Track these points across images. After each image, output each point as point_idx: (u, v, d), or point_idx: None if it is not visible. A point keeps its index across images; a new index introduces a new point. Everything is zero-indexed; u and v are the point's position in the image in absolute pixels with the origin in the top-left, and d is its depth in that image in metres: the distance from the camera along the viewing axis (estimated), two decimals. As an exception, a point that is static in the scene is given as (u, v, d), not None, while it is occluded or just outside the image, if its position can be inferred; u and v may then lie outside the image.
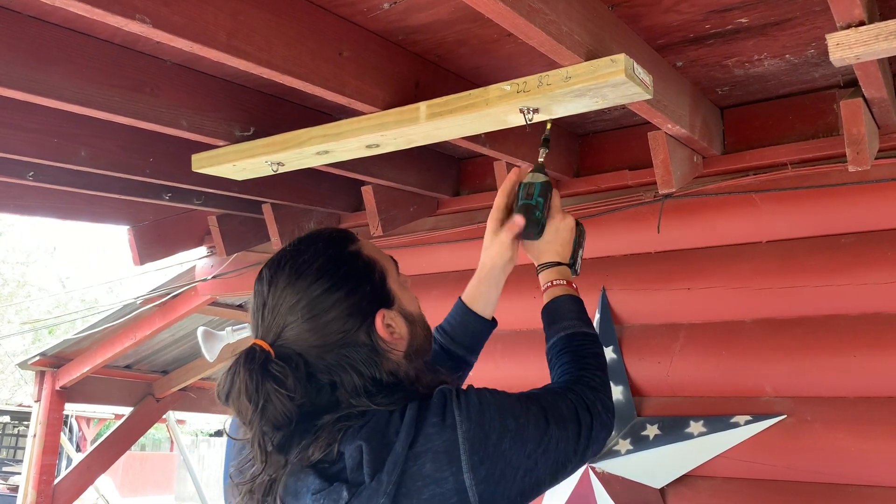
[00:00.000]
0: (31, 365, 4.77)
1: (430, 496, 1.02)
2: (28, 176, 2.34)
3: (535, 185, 1.52)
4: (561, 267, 1.55)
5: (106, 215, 3.11)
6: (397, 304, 1.22)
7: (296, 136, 1.86)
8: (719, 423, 2.14)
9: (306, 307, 1.12)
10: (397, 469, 1.02)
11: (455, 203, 2.77)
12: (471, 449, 1.05)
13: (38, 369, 4.80)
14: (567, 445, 1.17)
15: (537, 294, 2.53)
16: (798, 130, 2.16)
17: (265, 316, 1.15)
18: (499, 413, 1.11)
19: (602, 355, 1.41)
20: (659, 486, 2.20)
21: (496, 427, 1.09)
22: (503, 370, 2.58)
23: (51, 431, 4.76)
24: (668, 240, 2.34)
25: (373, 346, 1.15)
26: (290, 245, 1.21)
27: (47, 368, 4.76)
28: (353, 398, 1.10)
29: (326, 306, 1.12)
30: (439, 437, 1.05)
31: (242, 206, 2.95)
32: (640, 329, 2.36)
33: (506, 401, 1.15)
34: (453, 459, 1.04)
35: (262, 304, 1.16)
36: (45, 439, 4.70)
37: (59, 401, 4.78)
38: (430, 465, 1.04)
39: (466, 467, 1.04)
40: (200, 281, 3.58)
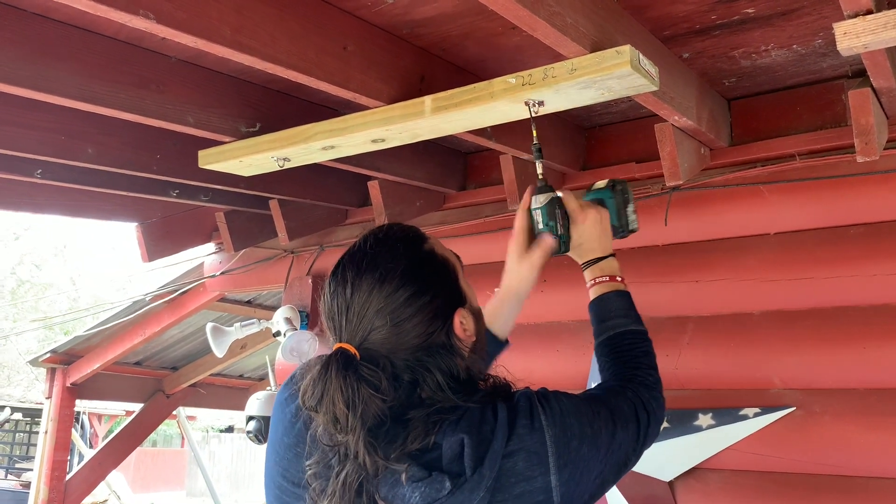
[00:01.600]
0: (42, 362, 4.80)
1: (520, 492, 1.08)
2: (36, 174, 2.35)
3: (542, 209, 1.48)
4: (602, 262, 1.53)
5: (114, 212, 3.12)
6: (468, 301, 1.24)
7: (302, 131, 1.86)
8: (728, 416, 2.13)
9: (392, 312, 1.13)
10: (497, 464, 1.07)
11: (462, 197, 2.77)
12: (557, 452, 1.11)
13: (49, 366, 4.83)
14: (629, 445, 1.24)
15: (544, 287, 2.54)
16: (806, 121, 2.15)
17: (350, 319, 1.15)
18: (577, 419, 1.17)
19: (652, 353, 1.45)
20: (668, 479, 2.20)
21: (576, 433, 1.15)
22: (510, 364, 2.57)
23: (62, 428, 4.79)
24: (675, 232, 2.34)
25: (451, 344, 1.17)
26: (366, 244, 1.22)
27: (58, 365, 4.79)
28: (436, 394, 1.13)
29: (412, 312, 1.14)
30: (530, 438, 1.11)
31: (250, 203, 2.96)
32: (647, 322, 2.32)
33: (581, 406, 1.20)
34: (542, 460, 1.10)
35: (345, 308, 1.16)
36: (56, 436, 4.73)
37: (70, 397, 4.81)
38: (523, 463, 1.09)
39: (554, 469, 1.10)
40: (209, 277, 3.60)
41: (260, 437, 2.82)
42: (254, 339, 4.79)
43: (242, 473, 15.81)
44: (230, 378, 5.93)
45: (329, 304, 1.20)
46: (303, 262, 3.21)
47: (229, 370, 5.78)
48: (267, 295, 4.41)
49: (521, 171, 2.32)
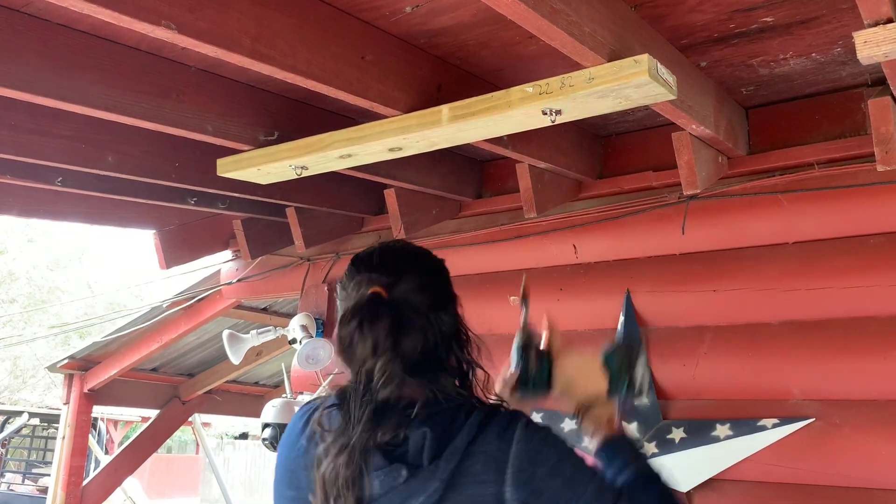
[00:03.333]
0: (59, 368, 4.84)
1: (472, 493, 1.09)
2: (57, 181, 2.38)
3: (518, 350, 1.43)
4: (593, 411, 1.40)
5: (132, 220, 3.15)
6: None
7: (319, 139, 1.87)
8: (746, 427, 2.11)
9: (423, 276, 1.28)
10: (455, 460, 1.10)
11: (477, 205, 2.77)
12: (518, 467, 1.11)
13: (66, 372, 4.86)
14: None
15: (560, 296, 2.53)
16: (825, 130, 2.13)
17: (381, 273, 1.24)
18: (558, 454, 1.15)
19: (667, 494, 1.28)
20: (685, 490, 2.18)
21: (550, 463, 1.13)
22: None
23: (79, 433, 4.81)
24: (692, 241, 2.33)
25: (458, 328, 1.28)
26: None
27: (76, 371, 4.82)
28: (436, 368, 1.20)
29: (437, 279, 1.32)
30: (495, 444, 1.12)
31: (267, 210, 2.97)
32: (665, 331, 2.34)
33: (570, 451, 1.18)
34: (500, 469, 1.11)
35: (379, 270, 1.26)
36: (73, 441, 4.76)
37: (87, 403, 4.84)
38: (480, 465, 1.10)
39: (510, 482, 1.10)
40: (225, 284, 3.61)
41: (275, 444, 2.82)
42: (269, 347, 4.80)
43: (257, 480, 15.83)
44: (246, 385, 5.95)
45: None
46: (319, 270, 3.22)
47: (245, 377, 5.80)
48: (283, 302, 4.42)
49: (538, 180, 2.31)
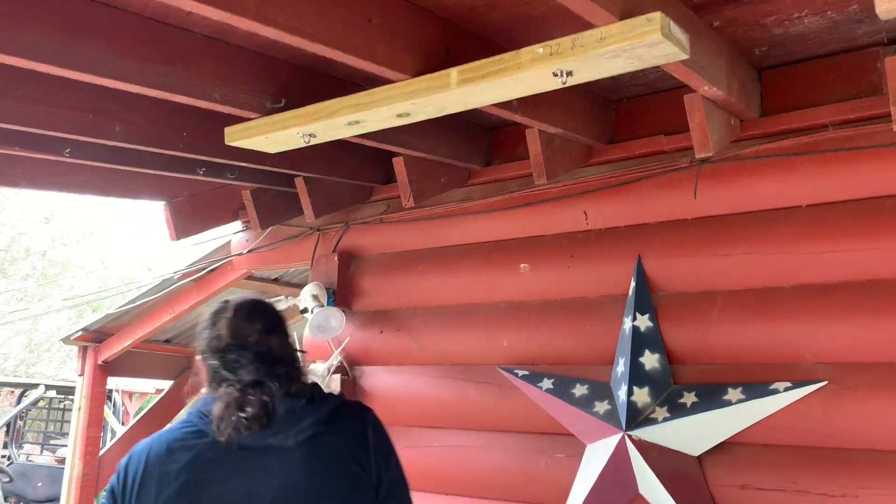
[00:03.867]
0: (73, 340, 4.88)
1: (350, 425, 1.65)
2: (65, 153, 2.37)
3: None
4: None
5: (142, 191, 3.14)
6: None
7: (327, 106, 1.86)
8: (758, 391, 2.11)
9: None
10: (338, 400, 1.70)
11: (486, 173, 2.75)
12: (376, 434, 1.68)
13: (80, 344, 4.90)
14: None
15: (570, 262, 2.52)
16: (839, 90, 2.10)
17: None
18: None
19: None
20: (696, 454, 2.19)
21: (392, 447, 1.73)
22: (536, 340, 2.58)
23: (95, 404, 4.87)
24: (704, 205, 2.30)
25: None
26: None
27: (89, 343, 4.86)
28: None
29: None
30: (359, 412, 1.73)
31: (276, 181, 2.96)
32: (676, 296, 2.33)
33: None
34: (364, 421, 1.69)
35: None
36: (89, 412, 4.82)
37: (101, 375, 4.88)
38: (350, 414, 1.68)
39: (373, 445, 1.65)
40: (236, 255, 3.62)
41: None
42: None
43: (271, 450, 16.08)
44: (258, 356, 5.98)
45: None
46: (329, 240, 3.22)
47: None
48: (294, 273, 4.43)
49: (548, 145, 2.29)
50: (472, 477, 2.63)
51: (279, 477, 1.50)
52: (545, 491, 2.44)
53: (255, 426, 1.51)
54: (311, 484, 1.51)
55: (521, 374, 2.54)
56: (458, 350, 2.77)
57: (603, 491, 2.26)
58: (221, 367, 1.59)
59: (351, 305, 3.10)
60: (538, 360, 2.57)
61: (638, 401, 2.24)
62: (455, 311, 2.81)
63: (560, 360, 2.53)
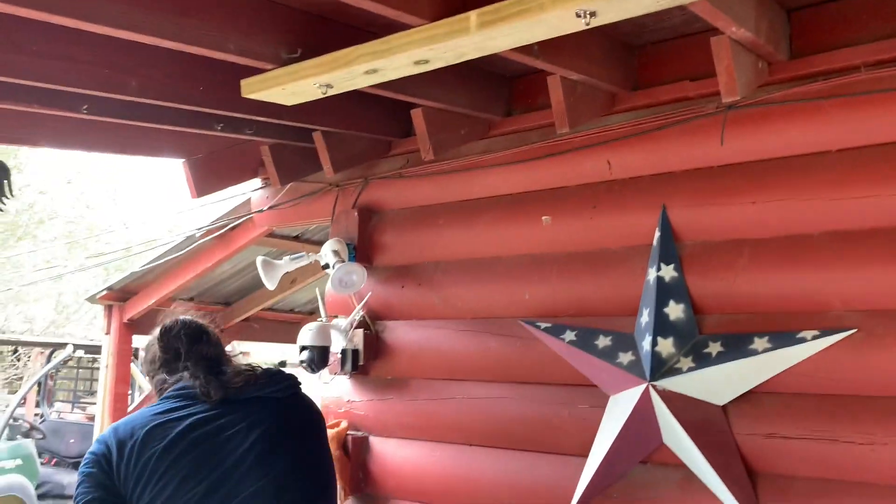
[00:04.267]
0: (99, 299, 4.94)
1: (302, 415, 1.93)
2: (83, 109, 2.36)
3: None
4: None
5: (162, 149, 3.14)
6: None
7: (344, 54, 1.82)
8: (785, 339, 2.08)
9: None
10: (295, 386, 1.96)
11: (507, 124, 2.71)
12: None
13: (105, 304, 4.97)
14: None
15: (593, 213, 2.49)
16: (873, 30, 2.03)
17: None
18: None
19: None
20: (722, 403, 2.17)
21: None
22: (559, 293, 2.56)
23: (121, 362, 4.95)
24: (731, 152, 2.25)
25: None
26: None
27: (114, 303, 4.92)
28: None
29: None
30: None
31: (294, 136, 2.94)
32: (702, 246, 2.29)
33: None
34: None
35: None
36: (116, 370, 4.90)
37: (127, 333, 4.95)
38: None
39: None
40: (256, 212, 3.62)
41: (312, 366, 2.87)
42: (303, 274, 4.85)
43: (296, 407, 16.37)
44: (281, 312, 6.04)
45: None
46: (348, 196, 3.20)
47: (280, 305, 5.88)
48: (314, 229, 4.43)
49: (570, 93, 2.24)
50: (496, 428, 2.64)
51: (271, 420, 1.79)
52: (569, 441, 2.45)
53: (241, 381, 1.80)
54: (300, 429, 1.84)
55: (544, 327, 2.52)
56: (480, 304, 2.76)
57: (627, 441, 2.26)
58: (173, 363, 1.91)
59: (372, 261, 3.10)
60: (560, 313, 2.55)
61: (662, 351, 2.22)
62: (476, 264, 2.80)
63: (583, 311, 2.51)
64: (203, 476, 1.66)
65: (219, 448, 1.71)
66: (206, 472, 1.67)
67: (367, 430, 3.00)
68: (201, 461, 1.69)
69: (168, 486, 1.65)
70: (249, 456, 1.70)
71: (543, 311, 2.58)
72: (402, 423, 2.89)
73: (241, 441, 1.72)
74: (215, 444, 1.71)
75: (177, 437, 1.70)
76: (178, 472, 1.66)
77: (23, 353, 11.16)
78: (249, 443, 1.71)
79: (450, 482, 2.73)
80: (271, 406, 1.81)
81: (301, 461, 1.77)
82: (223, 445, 1.71)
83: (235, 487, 1.66)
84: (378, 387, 2.99)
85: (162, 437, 1.70)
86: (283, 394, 1.87)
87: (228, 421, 1.75)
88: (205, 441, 1.71)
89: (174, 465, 1.67)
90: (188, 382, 1.83)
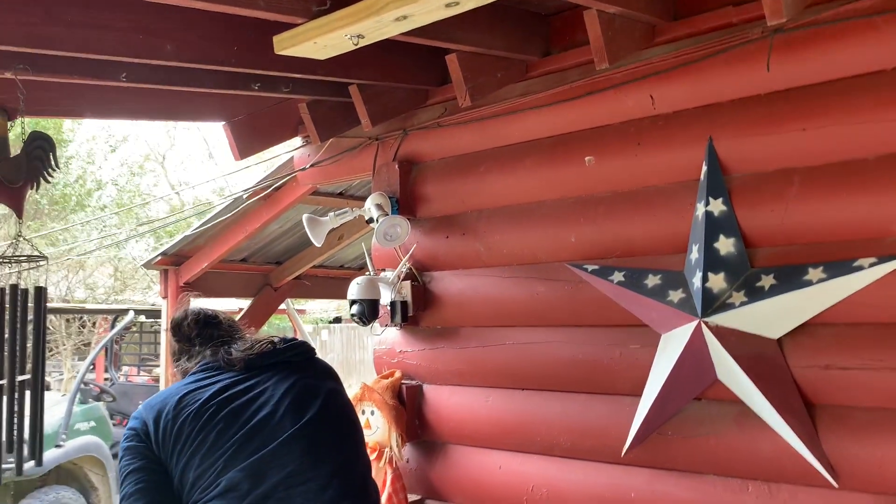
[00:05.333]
0: (154, 264, 5.06)
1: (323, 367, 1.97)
2: (122, 77, 2.39)
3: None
4: None
5: (203, 112, 3.17)
6: None
7: (373, 2, 1.80)
8: (841, 268, 2.02)
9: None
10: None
11: (545, 64, 2.65)
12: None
13: (161, 268, 5.09)
14: None
15: (637, 151, 2.44)
16: (929, -63, 1.91)
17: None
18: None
19: None
20: (776, 337, 2.14)
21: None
22: (605, 234, 2.53)
23: (181, 324, 5.07)
24: (779, 79, 2.17)
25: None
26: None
27: (170, 267, 5.04)
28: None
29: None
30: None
31: (331, 91, 2.93)
32: (751, 178, 2.23)
33: None
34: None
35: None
36: (177, 332, 5.03)
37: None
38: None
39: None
40: (299, 171, 3.64)
41: (363, 319, 2.91)
42: (350, 230, 4.88)
43: (353, 360, 16.61)
44: (332, 269, 6.11)
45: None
46: (388, 148, 3.19)
47: (330, 262, 5.95)
48: (357, 185, 4.45)
49: (608, 27, 2.17)
50: (547, 372, 2.65)
51: (295, 377, 1.84)
52: (621, 382, 2.45)
53: (261, 349, 1.86)
54: (322, 383, 1.87)
55: (591, 269, 2.50)
56: (525, 250, 2.75)
57: (680, 378, 2.25)
58: (190, 349, 1.98)
59: (415, 212, 3.10)
60: (608, 254, 2.53)
61: (713, 287, 2.19)
62: (520, 210, 2.78)
63: (630, 251, 2.48)
64: (238, 428, 1.74)
65: (250, 403, 1.78)
66: (240, 424, 1.74)
67: (420, 379, 3.04)
68: (235, 415, 1.76)
69: (205, 441, 1.72)
70: (280, 407, 1.77)
71: (590, 253, 2.56)
72: (453, 371, 2.93)
73: (270, 396, 1.79)
74: (246, 401, 1.78)
75: (208, 398, 1.78)
76: (214, 427, 1.74)
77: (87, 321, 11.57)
78: (279, 396, 1.78)
79: (504, 426, 2.76)
80: (294, 367, 1.88)
81: (328, 409, 1.83)
82: (254, 400, 1.78)
83: (271, 435, 1.73)
84: (428, 336, 3.02)
85: (194, 400, 1.78)
86: (301, 358, 1.93)
87: (256, 382, 1.82)
88: (236, 399, 1.78)
89: (208, 422, 1.74)
90: (209, 359, 1.91)
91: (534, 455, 2.68)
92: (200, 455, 1.72)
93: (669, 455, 2.34)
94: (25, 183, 2.71)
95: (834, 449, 2.05)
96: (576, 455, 2.57)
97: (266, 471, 1.69)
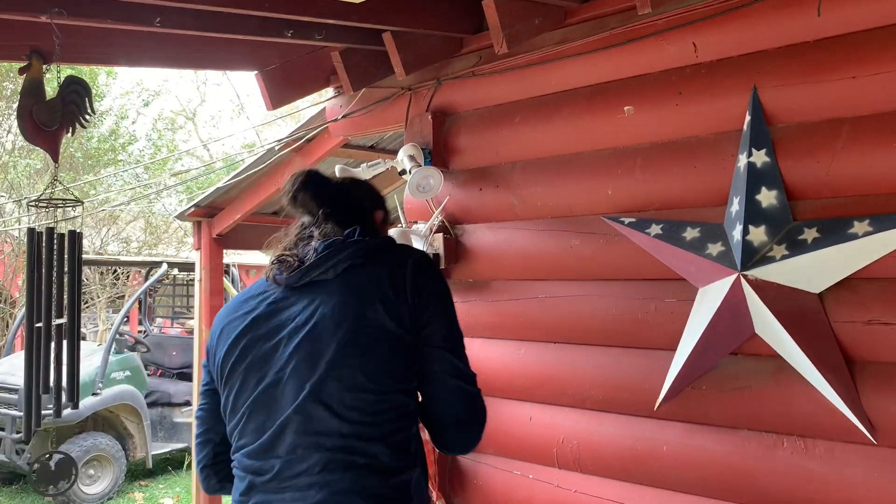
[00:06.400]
0: (187, 216, 5.11)
1: (384, 267, 1.81)
2: (156, 22, 2.37)
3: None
4: None
5: (234, 61, 3.15)
6: None
7: (411, -58, 1.75)
8: (888, 221, 1.96)
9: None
10: (378, 244, 1.88)
11: (584, 10, 2.58)
12: (417, 270, 1.85)
13: (194, 220, 5.14)
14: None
15: (679, 100, 2.38)
16: None
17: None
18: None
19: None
20: (817, 291, 2.09)
21: (438, 291, 1.93)
22: (643, 186, 2.48)
23: (214, 276, 5.14)
24: (829, 24, 2.08)
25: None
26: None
27: (202, 219, 5.09)
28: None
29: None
30: (406, 251, 1.94)
31: (364, 39, 2.88)
32: (796, 128, 2.17)
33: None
34: (405, 264, 1.85)
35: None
36: (210, 283, 5.10)
37: (217, 248, 5.12)
38: (391, 256, 1.87)
39: (410, 280, 1.81)
40: (331, 122, 3.62)
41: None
42: (383, 183, 4.86)
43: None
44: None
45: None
46: (421, 99, 3.15)
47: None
48: (389, 138, 4.42)
49: (651, -30, 2.10)
50: (581, 325, 2.63)
51: (319, 303, 1.73)
52: (656, 336, 2.42)
53: (286, 269, 1.78)
54: (346, 305, 1.71)
55: (628, 222, 2.46)
56: (560, 202, 2.71)
57: (717, 332, 2.22)
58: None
59: (448, 165, 3.07)
60: (645, 207, 2.48)
61: (754, 240, 2.14)
62: (555, 162, 2.73)
63: (668, 204, 2.43)
64: (249, 393, 1.72)
65: (267, 357, 1.74)
66: (252, 387, 1.72)
67: (451, 332, 3.04)
68: (249, 372, 1.74)
69: (230, 394, 1.77)
70: (287, 369, 1.70)
71: (627, 205, 2.52)
72: (485, 324, 2.92)
73: (285, 348, 1.72)
74: (264, 354, 1.74)
75: (237, 337, 1.78)
76: (235, 381, 1.76)
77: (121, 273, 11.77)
78: (292, 349, 1.71)
79: (537, 379, 2.76)
80: (324, 289, 1.76)
81: (336, 363, 1.68)
82: (271, 354, 1.74)
83: (273, 410, 1.70)
84: (460, 289, 3.01)
85: (228, 336, 1.80)
86: (332, 275, 1.78)
87: (281, 320, 1.77)
88: (257, 344, 1.76)
89: (231, 373, 1.76)
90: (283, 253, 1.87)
91: (565, 408, 2.68)
92: (230, 408, 1.78)
93: (703, 409, 2.32)
94: (61, 127, 2.72)
95: (874, 405, 2.02)
96: (608, 408, 2.56)
97: (269, 456, 1.68)
